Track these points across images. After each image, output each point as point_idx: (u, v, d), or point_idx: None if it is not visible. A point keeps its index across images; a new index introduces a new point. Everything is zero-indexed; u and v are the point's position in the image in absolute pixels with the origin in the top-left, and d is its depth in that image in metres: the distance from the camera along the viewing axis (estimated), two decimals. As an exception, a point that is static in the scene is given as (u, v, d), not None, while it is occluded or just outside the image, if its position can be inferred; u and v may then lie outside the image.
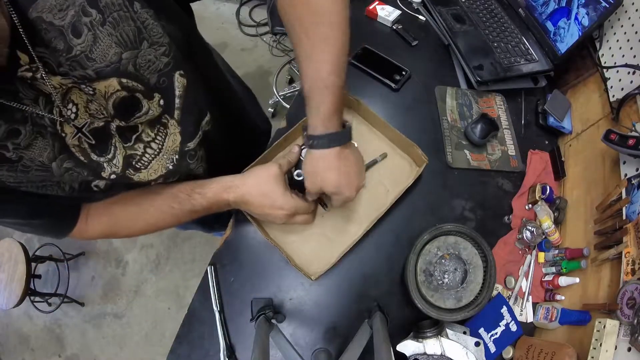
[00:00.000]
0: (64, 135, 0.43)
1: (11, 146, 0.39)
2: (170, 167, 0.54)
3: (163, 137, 0.51)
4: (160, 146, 0.51)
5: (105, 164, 0.47)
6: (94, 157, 0.46)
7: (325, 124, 0.51)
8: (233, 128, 0.72)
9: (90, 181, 0.48)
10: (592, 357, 0.53)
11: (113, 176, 0.48)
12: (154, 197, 0.58)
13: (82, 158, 0.45)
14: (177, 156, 0.54)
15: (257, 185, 0.58)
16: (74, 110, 0.42)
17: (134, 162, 0.50)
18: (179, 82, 0.48)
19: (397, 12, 0.95)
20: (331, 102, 0.49)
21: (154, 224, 0.60)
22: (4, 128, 0.38)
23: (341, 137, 0.53)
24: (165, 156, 0.52)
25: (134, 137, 0.48)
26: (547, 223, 0.71)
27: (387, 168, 0.75)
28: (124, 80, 0.43)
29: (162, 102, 0.47)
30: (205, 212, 0.60)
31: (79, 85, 0.41)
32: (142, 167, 0.51)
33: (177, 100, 0.49)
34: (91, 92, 0.42)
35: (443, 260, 0.65)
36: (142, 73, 0.44)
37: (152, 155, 0.51)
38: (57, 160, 0.43)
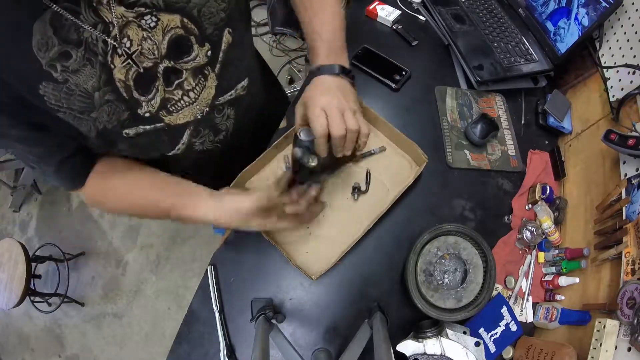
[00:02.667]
0: (112, 67, 0.44)
1: (59, 67, 0.41)
2: (199, 116, 0.57)
3: (201, 88, 0.54)
4: (196, 96, 0.55)
5: (143, 103, 0.50)
6: (135, 94, 0.48)
7: (323, 59, 0.58)
8: (262, 100, 0.76)
9: (123, 125, 0.50)
10: (592, 357, 0.53)
11: (147, 114, 0.51)
12: (148, 194, 0.58)
13: (124, 94, 0.47)
14: (207, 108, 0.57)
15: (229, 222, 0.57)
16: (128, 45, 0.44)
17: (168, 105, 0.52)
18: (226, 38, 0.52)
19: (397, 12, 0.95)
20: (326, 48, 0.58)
21: (134, 209, 0.60)
22: (57, 49, 0.40)
23: (336, 68, 0.58)
24: (197, 106, 0.56)
25: (176, 82, 0.51)
26: (547, 223, 0.71)
27: (387, 167, 0.75)
28: (185, 20, 0.46)
29: (209, 53, 0.51)
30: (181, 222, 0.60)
31: (140, 20, 0.44)
32: (174, 111, 0.54)
33: (221, 55, 0.53)
34: (152, 24, 0.45)
35: (443, 260, 0.65)
36: (202, 21, 0.48)
37: (187, 103, 0.54)
38: (100, 90, 0.45)
